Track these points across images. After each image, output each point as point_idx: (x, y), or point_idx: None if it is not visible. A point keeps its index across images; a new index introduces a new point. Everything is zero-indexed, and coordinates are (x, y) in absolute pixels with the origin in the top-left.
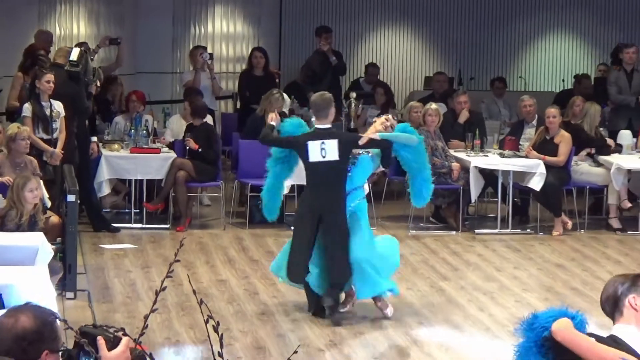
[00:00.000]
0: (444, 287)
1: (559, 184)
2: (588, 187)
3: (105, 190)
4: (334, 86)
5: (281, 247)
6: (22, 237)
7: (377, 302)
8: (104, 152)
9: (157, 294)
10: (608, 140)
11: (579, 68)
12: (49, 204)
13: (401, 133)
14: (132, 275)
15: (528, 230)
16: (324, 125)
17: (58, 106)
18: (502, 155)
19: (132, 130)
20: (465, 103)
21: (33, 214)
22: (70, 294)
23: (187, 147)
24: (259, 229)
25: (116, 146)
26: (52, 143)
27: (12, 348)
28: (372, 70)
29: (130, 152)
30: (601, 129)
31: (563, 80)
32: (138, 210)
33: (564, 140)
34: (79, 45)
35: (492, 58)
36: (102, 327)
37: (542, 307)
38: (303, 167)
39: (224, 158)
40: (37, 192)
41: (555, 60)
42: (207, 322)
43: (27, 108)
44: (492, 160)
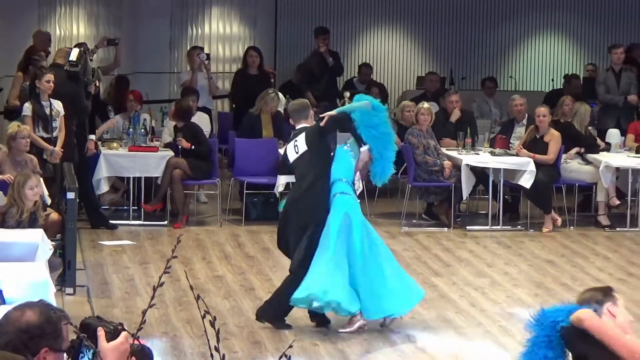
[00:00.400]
0: (436, 282)
1: (549, 181)
2: (577, 184)
3: (104, 187)
4: (330, 87)
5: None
6: (22, 234)
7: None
8: (103, 150)
9: (154, 289)
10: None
11: (568, 68)
12: (48, 201)
13: (356, 103)
14: (130, 271)
15: (518, 227)
16: (301, 126)
17: (58, 105)
18: (493, 154)
19: (131, 129)
20: (456, 102)
21: (33, 211)
22: (69, 290)
23: (180, 147)
24: (255, 226)
25: (115, 144)
26: (52, 141)
27: (13, 340)
28: (366, 70)
29: (129, 151)
30: (590, 127)
31: (552, 80)
32: (136, 208)
33: (553, 138)
34: (78, 45)
35: (483, 58)
36: (102, 320)
37: (532, 303)
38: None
39: (220, 156)
40: (37, 189)
41: (545, 61)
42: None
43: (28, 107)
44: (483, 158)
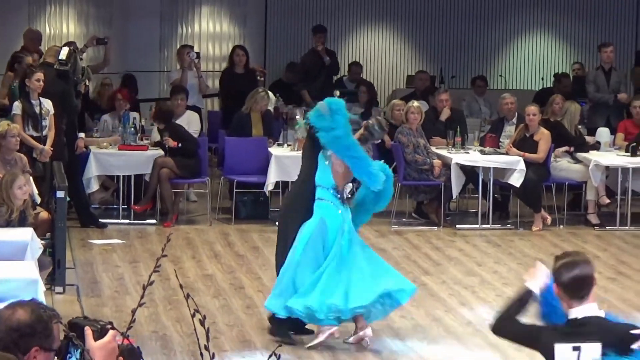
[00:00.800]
0: (426, 281)
1: (539, 180)
2: (567, 183)
3: (94, 186)
4: (327, 86)
5: (267, 242)
6: (12, 233)
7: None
8: (93, 149)
9: (144, 288)
10: (588, 137)
11: (558, 67)
12: (38, 200)
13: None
14: (120, 270)
15: (508, 225)
16: None
17: (47, 104)
18: (482, 152)
19: (120, 128)
20: (446, 101)
21: (23, 210)
22: (59, 289)
23: (167, 146)
24: (245, 225)
25: (105, 143)
26: (42, 140)
27: (4, 339)
28: (356, 69)
29: (119, 149)
30: (580, 126)
31: (542, 79)
32: (126, 206)
33: (543, 137)
34: (67, 44)
35: (473, 57)
36: (89, 319)
37: None
38: (285, 164)
39: (210, 155)
40: (25, 188)
41: (535, 59)
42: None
43: (17, 106)
44: (473, 157)
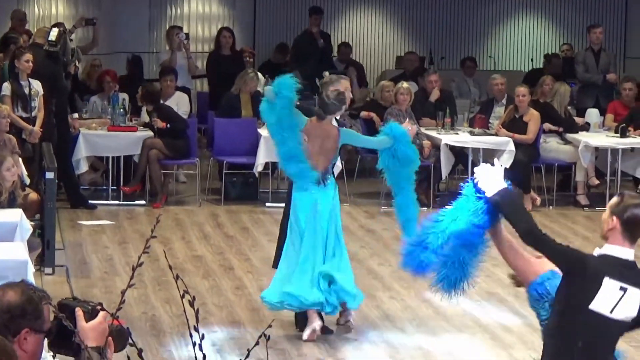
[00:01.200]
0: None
1: (528, 161)
2: (556, 164)
3: (84, 167)
4: (319, 68)
5: (256, 223)
6: (1, 214)
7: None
8: (82, 130)
9: (134, 269)
10: (577, 118)
11: (547, 48)
12: (27, 181)
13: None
14: (109, 251)
15: None
16: None
17: (37, 85)
18: (472, 133)
19: (110, 109)
20: (436, 82)
21: (12, 191)
22: (48, 270)
23: (156, 127)
24: (234, 206)
25: (94, 124)
26: (31, 121)
27: None
28: (345, 49)
29: (108, 130)
30: (569, 107)
31: (532, 60)
32: (115, 187)
33: (532, 118)
34: (56, 25)
35: (463, 38)
36: (79, 300)
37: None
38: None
39: (199, 136)
40: (14, 169)
41: (524, 40)
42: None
43: (7, 87)
44: (463, 138)
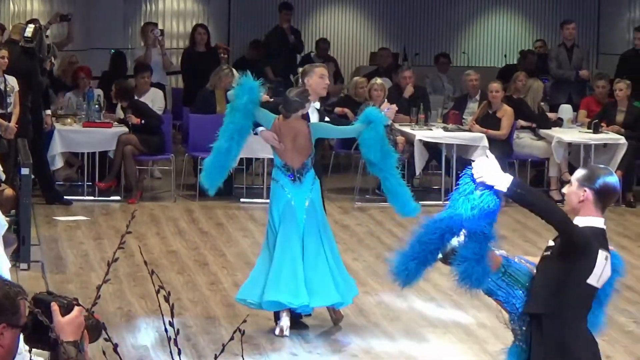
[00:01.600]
0: (390, 257)
1: (502, 156)
2: (530, 160)
3: (59, 163)
4: (289, 64)
5: (231, 219)
6: None
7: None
8: (57, 126)
9: (109, 264)
10: (550, 114)
11: (521, 44)
12: (3, 177)
13: None
14: (84, 246)
15: None
16: None
17: (12, 81)
18: (445, 129)
19: (85, 105)
20: (410, 78)
21: None
22: (24, 265)
23: (130, 124)
24: (209, 201)
25: (69, 120)
26: (7, 117)
27: None
28: (323, 45)
29: (83, 126)
30: (542, 103)
31: (505, 56)
32: (90, 183)
33: (506, 114)
34: (31, 21)
35: (437, 34)
36: (54, 295)
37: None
38: (249, 142)
39: (174, 132)
40: None
41: (498, 37)
42: (158, 292)
43: None
44: (436, 133)
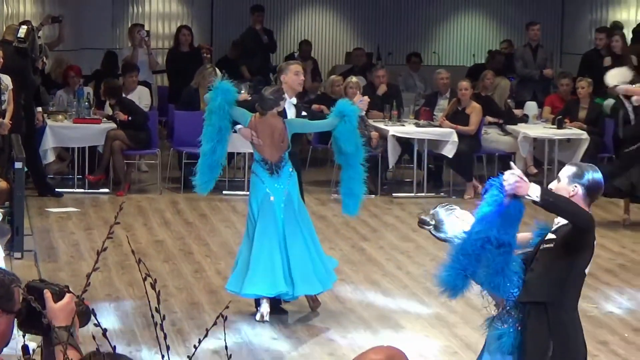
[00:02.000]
0: (364, 246)
1: (470, 151)
2: (497, 154)
3: (51, 157)
4: (264, 63)
5: (214, 210)
6: None
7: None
8: (49, 122)
9: (98, 253)
10: (516, 110)
11: (488, 44)
12: None
13: None
14: (75, 236)
15: (442, 194)
16: None
17: (6, 80)
18: (417, 125)
19: (75, 102)
20: (383, 77)
21: None
22: (17, 254)
23: (118, 120)
24: (193, 194)
25: (60, 117)
26: (1, 114)
27: None
28: (306, 47)
29: (74, 123)
30: (509, 100)
31: (474, 56)
32: (81, 176)
33: (474, 111)
34: (24, 23)
35: (408, 35)
36: (47, 282)
37: None
38: (232, 137)
39: (160, 128)
40: None
41: (466, 37)
42: (145, 279)
43: None
44: (408, 129)
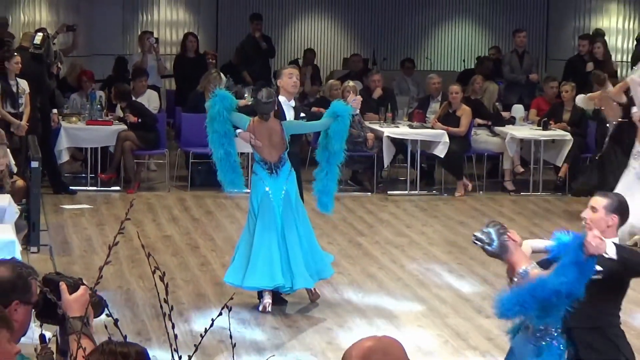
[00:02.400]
0: (361, 241)
1: (461, 151)
2: (486, 154)
3: (65, 157)
4: (264, 68)
5: (219, 207)
6: None
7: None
8: (64, 124)
9: (110, 248)
10: (504, 113)
11: (477, 50)
12: (15, 169)
13: None
14: (88, 232)
15: (434, 191)
16: None
17: (23, 84)
18: (411, 127)
19: (88, 105)
20: (378, 81)
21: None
22: (34, 249)
23: (129, 122)
24: (199, 191)
25: (74, 119)
26: (19, 116)
27: None
28: (309, 55)
29: (87, 124)
30: (497, 103)
31: (464, 61)
32: (93, 175)
33: (465, 113)
34: (39, 30)
35: (402, 41)
36: (62, 275)
37: (446, 259)
38: (238, 139)
39: (168, 129)
40: (3, 159)
41: (457, 44)
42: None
43: None
44: (402, 130)
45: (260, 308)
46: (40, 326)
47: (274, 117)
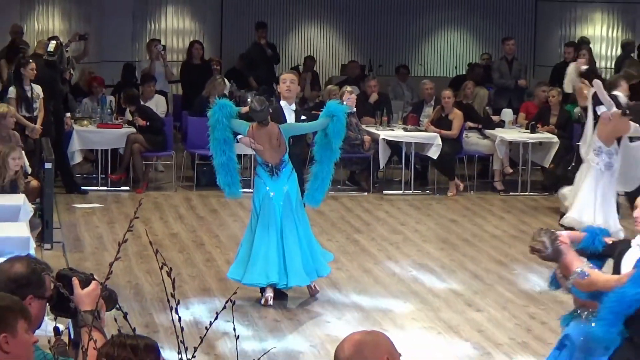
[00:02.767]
0: (358, 238)
1: (453, 153)
2: (477, 155)
3: (77, 158)
4: (269, 73)
5: (223, 206)
6: (7, 198)
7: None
8: (76, 127)
9: (120, 245)
10: (494, 117)
11: (469, 57)
12: (29, 170)
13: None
14: (99, 229)
15: (427, 191)
16: None
17: (38, 89)
18: (405, 130)
19: (99, 109)
20: (374, 86)
21: (15, 179)
22: (47, 245)
23: (137, 125)
24: (205, 191)
25: (86, 122)
26: (33, 120)
27: (3, 288)
28: (310, 62)
29: (98, 127)
30: (487, 107)
31: (456, 67)
32: (104, 176)
33: (456, 117)
34: (53, 38)
35: (397, 48)
36: (75, 270)
37: (439, 256)
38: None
39: (175, 132)
40: (19, 160)
41: (449, 51)
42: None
43: (12, 91)
44: (397, 133)
45: (262, 301)
46: (55, 319)
47: (272, 121)
